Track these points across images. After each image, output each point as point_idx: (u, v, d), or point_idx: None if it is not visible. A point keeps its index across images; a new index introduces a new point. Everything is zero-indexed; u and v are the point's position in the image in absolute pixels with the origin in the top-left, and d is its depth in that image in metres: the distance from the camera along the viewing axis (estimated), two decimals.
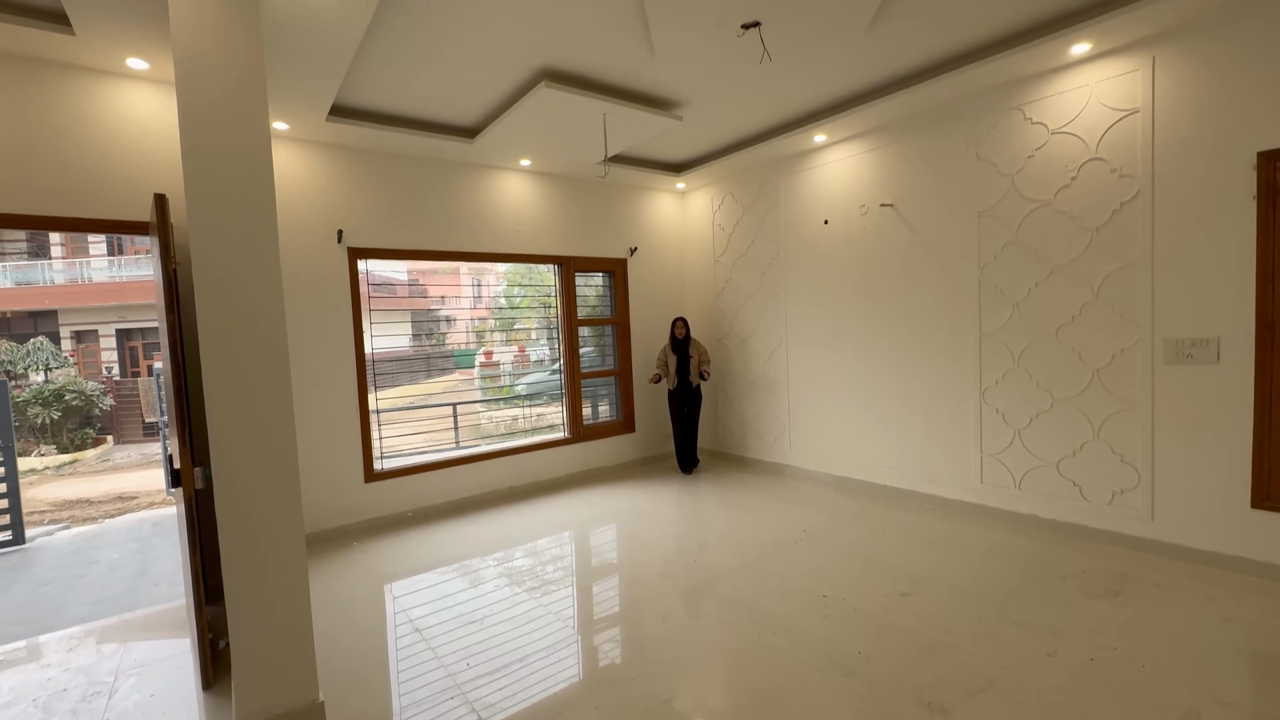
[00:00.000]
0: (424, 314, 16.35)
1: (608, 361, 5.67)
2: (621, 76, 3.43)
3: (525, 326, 6.88)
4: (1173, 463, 3.07)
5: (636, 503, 4.57)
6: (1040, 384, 3.52)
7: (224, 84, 1.91)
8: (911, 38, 3.13)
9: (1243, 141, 2.77)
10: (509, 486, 4.88)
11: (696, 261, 5.91)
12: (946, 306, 3.93)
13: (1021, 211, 3.53)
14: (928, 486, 4.14)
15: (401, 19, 2.74)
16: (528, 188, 4.98)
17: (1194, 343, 2.96)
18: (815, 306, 4.77)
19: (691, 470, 5.39)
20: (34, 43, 2.68)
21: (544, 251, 5.07)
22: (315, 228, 3.98)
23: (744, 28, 2.69)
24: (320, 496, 4.01)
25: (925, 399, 4.10)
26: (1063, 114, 3.33)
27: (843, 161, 4.47)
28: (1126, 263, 3.15)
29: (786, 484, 4.86)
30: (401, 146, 4.16)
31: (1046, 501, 3.54)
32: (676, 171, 5.40)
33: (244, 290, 1.93)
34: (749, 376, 5.42)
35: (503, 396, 8.52)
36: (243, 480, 1.96)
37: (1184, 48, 2.91)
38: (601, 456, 5.45)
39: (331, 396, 4.07)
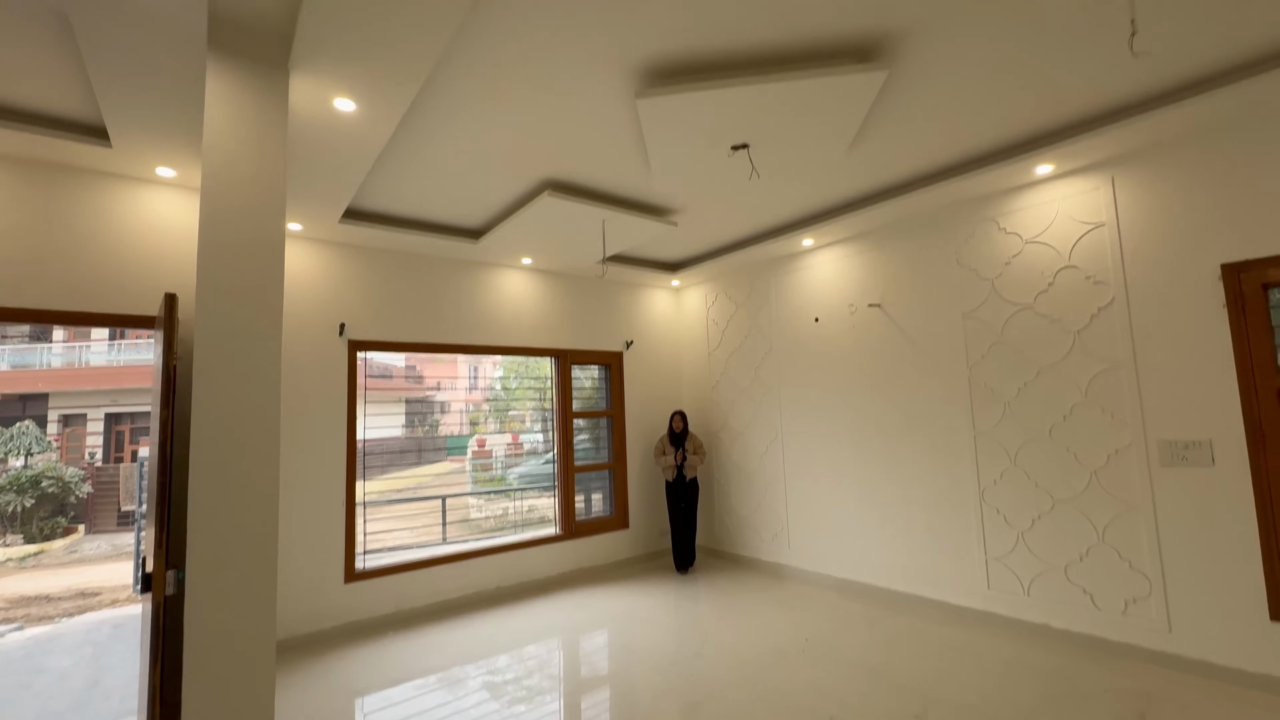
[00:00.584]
0: (419, 400, 16.31)
1: (602, 454, 5.61)
2: (619, 187, 3.66)
3: (519, 412, 6.85)
4: (1184, 571, 2.97)
5: (630, 606, 4.34)
6: (1039, 484, 3.49)
7: (247, 192, 2.03)
8: (888, 158, 3.39)
9: (1207, 253, 2.93)
10: (496, 587, 4.65)
11: (692, 355, 6.01)
12: (939, 404, 3.96)
13: (1004, 314, 3.66)
14: (933, 591, 3.97)
15: (416, 135, 2.96)
16: (528, 283, 5.15)
17: (1187, 445, 2.97)
18: (809, 402, 4.81)
19: (688, 569, 5.18)
20: (71, 153, 2.87)
21: (542, 344, 5.16)
22: (318, 320, 4.07)
23: (733, 149, 2.91)
24: (296, 598, 3.80)
25: (924, 497, 4.03)
26: (1034, 225, 3.55)
27: (830, 263, 4.68)
28: (1111, 365, 3.23)
29: (786, 586, 4.65)
30: (407, 245, 4.35)
31: (1058, 610, 3.39)
32: (671, 270, 5.63)
33: (242, 392, 1.94)
34: (745, 471, 5.35)
35: (494, 489, 8.33)
36: (217, 588, 1.87)
37: (1139, 169, 3.15)
38: (594, 554, 5.24)
39: (318, 487, 3.97)
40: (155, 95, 2.42)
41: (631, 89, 2.60)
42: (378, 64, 2.19)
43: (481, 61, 2.38)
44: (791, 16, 2.19)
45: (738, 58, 2.41)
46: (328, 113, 2.51)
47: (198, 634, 1.83)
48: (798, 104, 2.55)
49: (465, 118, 2.81)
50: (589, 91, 2.63)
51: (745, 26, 2.23)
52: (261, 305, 2.01)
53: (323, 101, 2.42)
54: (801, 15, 2.18)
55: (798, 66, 2.43)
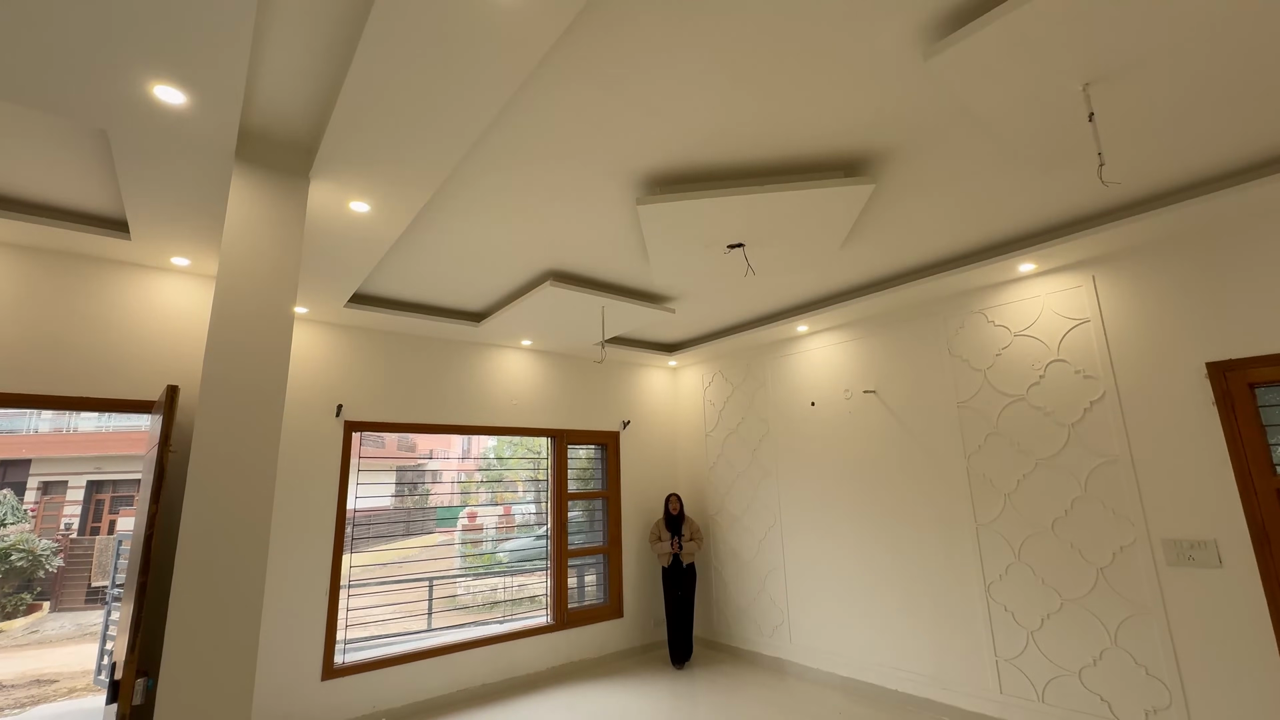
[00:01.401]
0: (410, 469, 16.00)
1: (596, 535, 5.46)
2: (619, 277, 3.78)
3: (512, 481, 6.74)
4: (1204, 679, 2.85)
5: (626, 707, 4.09)
6: (1045, 580, 3.39)
7: (259, 292, 2.09)
8: (878, 255, 3.54)
9: (1191, 352, 3.01)
10: (482, 684, 4.39)
11: (688, 436, 5.99)
12: (938, 494, 3.92)
13: (998, 405, 3.69)
14: (942, 694, 3.77)
15: (425, 229, 3.08)
16: (526, 364, 5.20)
17: (1193, 545, 2.92)
18: (808, 487, 4.75)
19: (684, 663, 4.92)
20: (88, 244, 2.96)
21: (539, 425, 5.15)
22: (315, 401, 4.07)
23: (729, 248, 3.04)
24: (268, 699, 3.57)
25: (929, 591, 3.91)
26: (1022, 319, 3.65)
27: (825, 349, 4.77)
28: (1107, 459, 3.23)
29: (788, 685, 4.41)
30: (409, 326, 4.42)
31: (1077, 719, 3.21)
32: (669, 351, 5.71)
33: (234, 499, 1.92)
34: (743, 558, 5.20)
35: (484, 568, 8.02)
36: (189, 699, 1.76)
37: (1119, 269, 3.29)
38: (586, 646, 5.00)
39: (302, 568, 3.82)
40: (178, 196, 2.54)
41: (632, 195, 2.74)
42: (395, 173, 2.32)
43: (492, 169, 2.52)
44: (783, 136, 2.35)
45: (734, 169, 2.57)
46: (343, 213, 2.62)
47: None
48: (790, 210, 2.68)
49: (473, 216, 2.94)
50: (592, 198, 2.77)
51: (740, 144, 2.39)
52: (265, 389, 2.03)
53: (339, 204, 2.54)
54: (793, 135, 2.35)
55: (790, 178, 2.58)
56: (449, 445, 18.20)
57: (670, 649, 4.99)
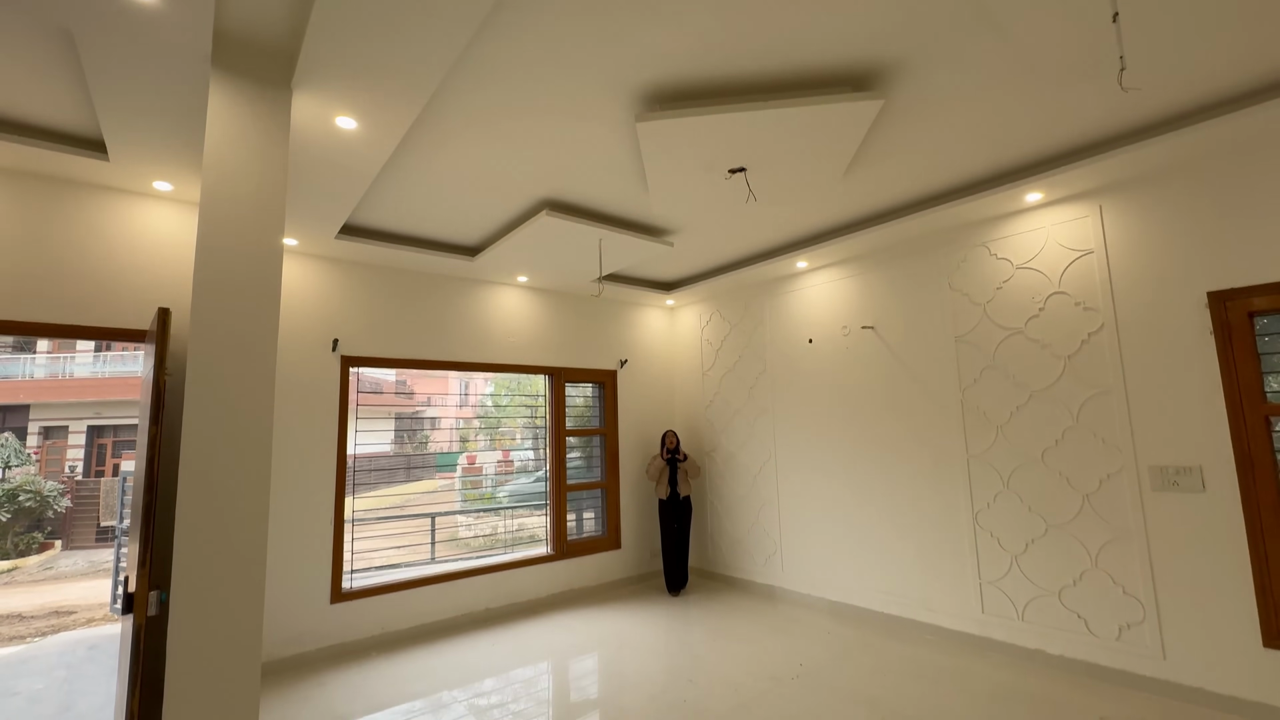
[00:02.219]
0: (408, 415, 16.14)
1: (594, 472, 5.56)
2: (617, 207, 3.69)
3: (510, 429, 6.80)
4: (1177, 597, 2.98)
5: (622, 629, 4.28)
6: (1032, 508, 3.49)
7: (245, 208, 2.02)
8: (882, 183, 3.45)
9: (1193, 281, 2.99)
10: (485, 609, 4.56)
11: (685, 375, 6.01)
12: (932, 427, 3.98)
13: (996, 338, 3.70)
14: (927, 615, 3.94)
15: (416, 153, 2.98)
16: (523, 301, 5.15)
17: (1178, 470, 2.99)
18: (803, 423, 4.81)
19: (680, 591, 5.12)
20: (67, 166, 2.85)
21: (536, 362, 5.15)
22: (311, 336, 4.04)
23: (730, 172, 2.95)
24: (280, 619, 3.71)
25: (918, 520, 4.02)
26: (1024, 251, 3.61)
27: (824, 285, 4.73)
28: (1101, 390, 3.26)
29: (779, 609, 4.60)
30: (403, 261, 4.35)
31: (1052, 635, 3.37)
32: (666, 289, 5.65)
33: (235, 411, 1.92)
34: (738, 492, 5.33)
35: (484, 507, 8.22)
36: (202, 610, 1.82)
37: (1126, 198, 3.22)
38: (585, 575, 5.17)
39: (307, 504, 3.91)
40: (155, 110, 2.42)
41: (631, 113, 2.64)
42: (381, 84, 2.21)
43: (483, 84, 2.41)
44: (790, 45, 2.24)
45: (737, 84, 2.45)
46: (329, 131, 2.52)
47: (181, 657, 1.78)
48: (795, 130, 2.59)
49: (465, 138, 2.83)
50: (589, 115, 2.66)
51: (744, 54, 2.28)
52: (257, 322, 2.00)
53: (324, 120, 2.43)
54: (800, 44, 2.23)
55: (796, 93, 2.47)
56: (446, 391, 18.31)
57: (666, 578, 5.17)
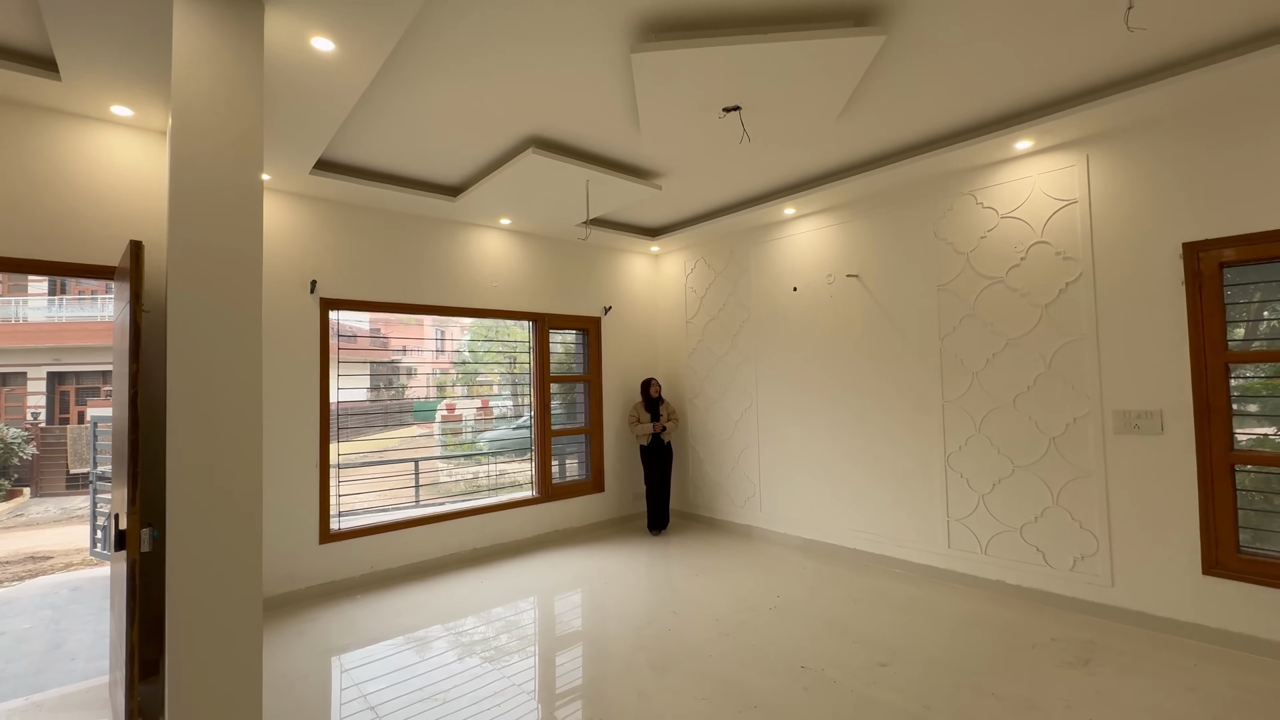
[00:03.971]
0: (384, 364, 15.92)
1: (577, 419, 5.62)
2: (606, 147, 3.59)
3: (488, 380, 6.79)
4: (1129, 530, 3.19)
5: (606, 566, 4.43)
6: (1001, 450, 3.66)
7: (221, 133, 1.91)
8: (875, 128, 3.40)
9: (1170, 232, 3.06)
10: (472, 549, 4.67)
11: (669, 322, 6.02)
12: (910, 374, 4.09)
13: (977, 287, 3.77)
14: (897, 551, 4.16)
15: (396, 84, 2.83)
16: (506, 245, 5.05)
17: (1140, 415, 3.15)
18: (785, 370, 4.90)
19: (661, 531, 5.31)
20: (18, 86, 2.64)
21: (520, 308, 5.09)
22: (288, 278, 3.91)
23: (725, 110, 2.87)
24: (270, 559, 3.75)
25: (893, 463, 4.19)
26: (1010, 200, 3.64)
27: (811, 233, 4.72)
28: (1074, 338, 3.38)
29: (756, 547, 4.81)
30: (381, 201, 4.19)
31: (1012, 567, 3.60)
32: (652, 235, 5.58)
33: (221, 343, 1.87)
34: (720, 437, 5.45)
35: (466, 453, 8.25)
36: (199, 543, 1.83)
37: (1114, 148, 3.25)
38: (569, 517, 5.31)
39: (292, 450, 3.89)
40: (111, 24, 2.24)
41: (624, 44, 2.52)
42: (360, 1, 2.07)
43: (469, 10, 2.27)
44: None
45: (737, 14, 2.36)
46: (304, 52, 2.37)
47: (182, 588, 1.79)
48: (793, 67, 2.52)
49: (449, 69, 2.69)
50: (580, 45, 2.54)
51: None
52: (240, 250, 1.93)
53: (299, 40, 2.28)
54: None
55: (797, 26, 2.39)
56: (421, 339, 18.02)
57: (649, 519, 5.36)
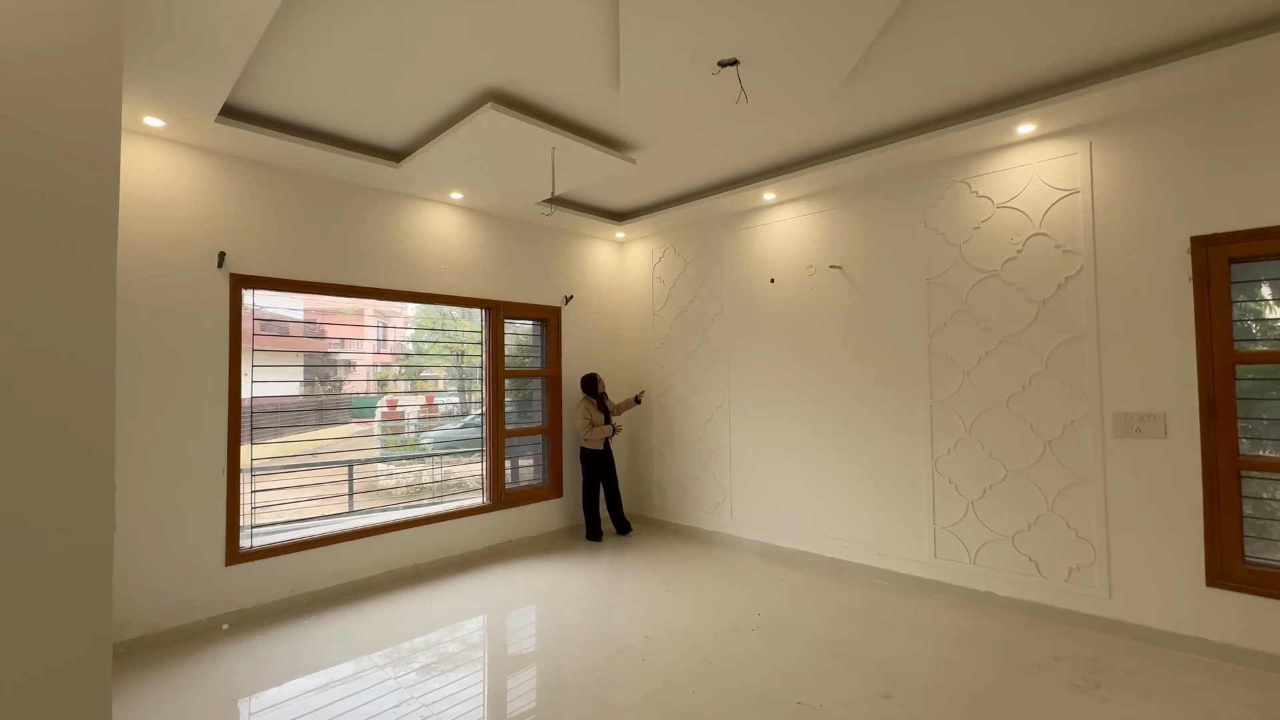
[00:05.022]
0: (320, 357, 14.83)
1: (532, 417, 5.14)
2: (577, 108, 3.14)
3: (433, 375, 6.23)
4: (1128, 539, 3.03)
5: (566, 582, 3.99)
6: (993, 454, 3.45)
7: (56, 58, 1.37)
8: (873, 102, 3.11)
9: (1177, 226, 2.90)
10: (414, 565, 4.13)
11: (634, 314, 5.62)
12: (896, 372, 3.85)
13: (970, 280, 3.55)
14: (878, 560, 3.92)
15: (321, 13, 2.30)
16: (456, 223, 4.51)
17: (1142, 417, 2.98)
18: (761, 366, 4.58)
19: (628, 532, 5.00)
20: None
21: (472, 294, 4.57)
22: (189, 247, 3.27)
23: (720, 65, 2.49)
24: (162, 586, 3.11)
25: (876, 467, 3.94)
26: (1007, 190, 3.43)
27: (790, 221, 4.42)
28: (1074, 335, 3.19)
29: (728, 556, 4.48)
30: (311, 163, 3.59)
31: (1003, 578, 3.40)
32: (618, 220, 5.16)
33: (47, 318, 1.34)
34: (688, 438, 5.10)
35: (409, 454, 7.57)
36: (14, 574, 1.29)
37: (1119, 135, 3.07)
38: (524, 526, 4.83)
39: (189, 453, 3.25)
40: None
41: None
42: None
43: None
44: None
45: None
46: None
47: None
48: (805, 11, 2.16)
49: None
50: None
51: None
52: (86, 208, 1.39)
53: None
54: None
55: None
56: (360, 327, 16.98)
57: (614, 522, 5.03)
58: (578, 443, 5.14)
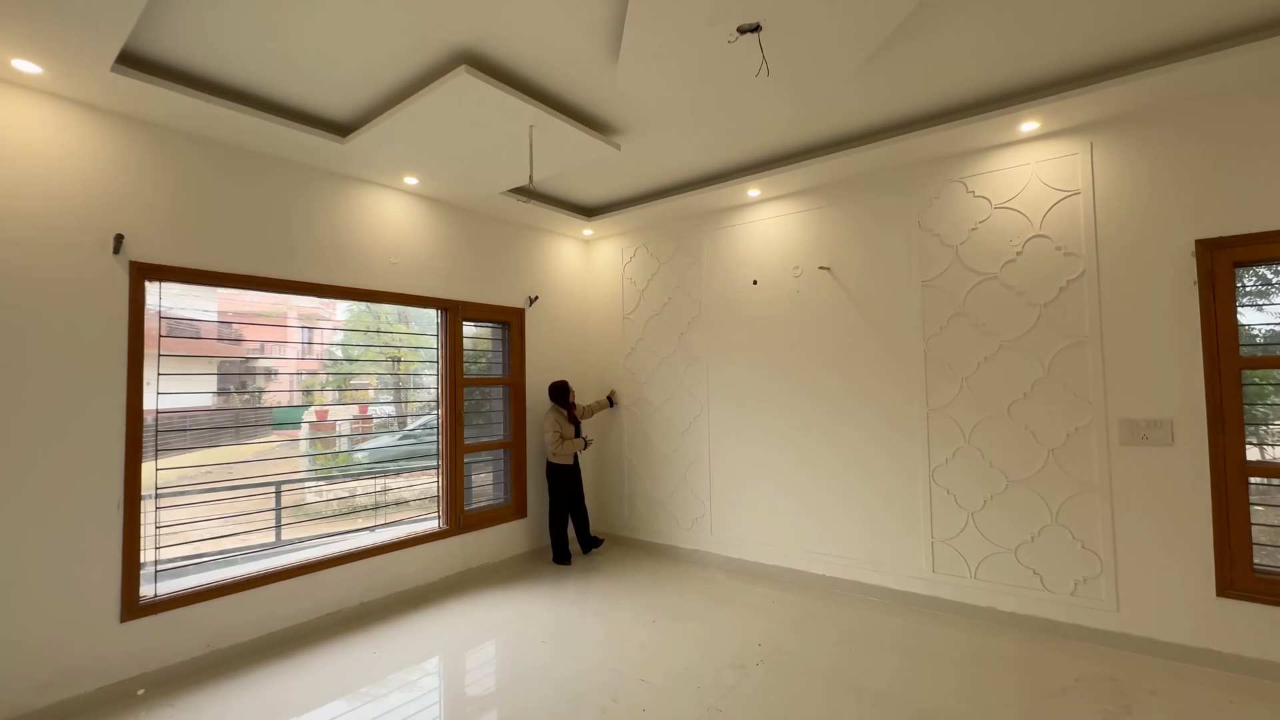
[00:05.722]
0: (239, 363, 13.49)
1: (492, 430, 4.66)
2: (563, 80, 2.77)
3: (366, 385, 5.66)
4: (1136, 549, 2.94)
5: (541, 617, 3.55)
6: (993, 464, 3.32)
7: None
8: (883, 90, 2.91)
9: (1182, 228, 2.86)
10: (359, 604, 3.57)
11: (603, 318, 5.24)
12: (890, 378, 3.68)
13: (967, 283, 3.42)
14: (872, 576, 3.72)
15: None
16: (410, 213, 4.00)
17: (1148, 424, 2.91)
18: (742, 373, 4.32)
19: (593, 549, 4.66)
20: None
21: (427, 292, 4.06)
22: (76, 228, 2.64)
23: (740, 31, 2.20)
24: (32, 653, 2.46)
25: (867, 478, 3.75)
26: (1005, 190, 3.32)
27: (774, 220, 4.19)
28: (1076, 340, 3.10)
29: (711, 576, 4.17)
30: (236, 132, 3.02)
31: (1005, 592, 3.27)
32: (587, 216, 4.78)
33: None
34: (663, 450, 4.77)
35: (349, 472, 6.85)
36: None
37: (1121, 136, 3.01)
38: (485, 551, 4.34)
39: (74, 483, 2.61)
40: None
41: None
42: None
43: None
44: None
45: None
46: None
47: None
48: None
49: None
50: None
51: None
52: None
53: None
54: None
55: None
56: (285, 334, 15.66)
57: (580, 544, 4.66)
58: (544, 457, 4.70)
